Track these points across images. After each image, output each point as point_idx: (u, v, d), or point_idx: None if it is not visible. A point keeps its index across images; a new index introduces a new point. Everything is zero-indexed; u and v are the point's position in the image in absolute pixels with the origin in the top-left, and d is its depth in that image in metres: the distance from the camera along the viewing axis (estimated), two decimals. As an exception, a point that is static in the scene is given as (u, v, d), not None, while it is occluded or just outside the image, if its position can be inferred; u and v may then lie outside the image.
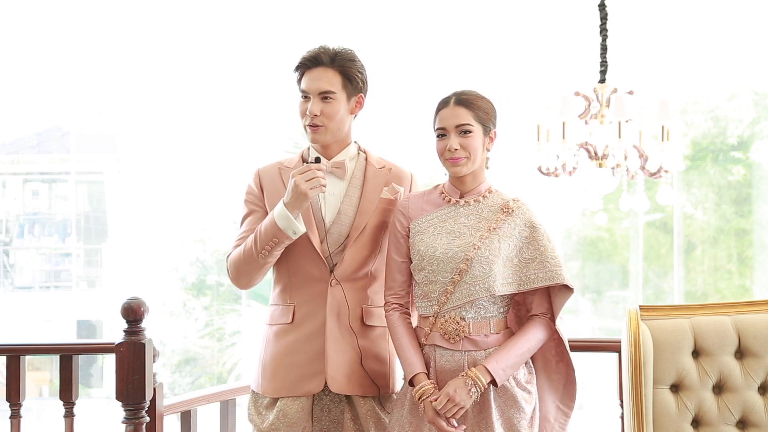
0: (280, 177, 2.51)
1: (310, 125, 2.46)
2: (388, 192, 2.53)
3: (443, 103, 2.39)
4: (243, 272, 2.47)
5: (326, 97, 2.45)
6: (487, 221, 2.38)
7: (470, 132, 2.35)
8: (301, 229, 2.38)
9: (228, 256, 2.52)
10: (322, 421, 2.48)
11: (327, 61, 2.45)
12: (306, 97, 2.46)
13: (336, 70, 2.46)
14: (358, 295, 2.50)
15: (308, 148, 2.57)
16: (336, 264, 2.48)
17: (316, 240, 2.45)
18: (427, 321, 2.39)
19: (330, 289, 2.46)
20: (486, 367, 2.29)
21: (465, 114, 2.35)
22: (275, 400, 2.47)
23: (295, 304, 2.48)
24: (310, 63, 2.46)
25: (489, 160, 2.43)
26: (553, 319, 2.40)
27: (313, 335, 2.45)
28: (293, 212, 2.36)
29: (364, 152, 2.57)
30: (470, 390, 2.28)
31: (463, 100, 2.37)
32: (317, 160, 2.41)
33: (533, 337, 2.36)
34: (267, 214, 2.48)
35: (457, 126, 2.35)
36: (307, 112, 2.45)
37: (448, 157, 2.36)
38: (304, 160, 2.54)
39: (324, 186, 2.37)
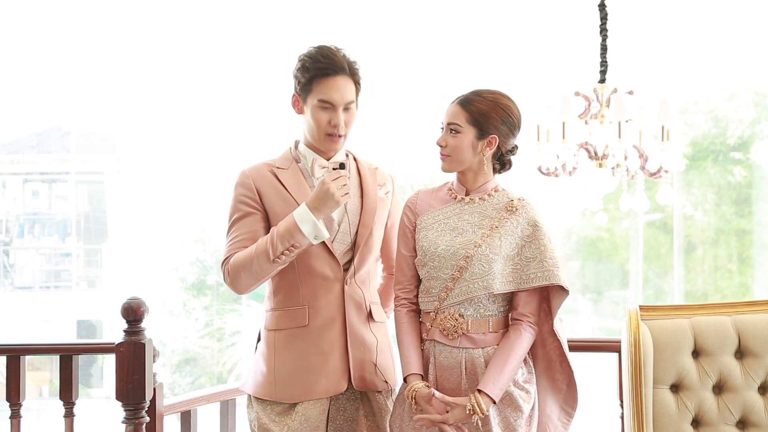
0: (276, 179, 2.46)
1: (334, 135, 2.41)
2: (381, 191, 2.54)
3: (453, 100, 2.40)
4: (251, 276, 2.38)
5: (348, 108, 2.42)
6: (491, 219, 2.38)
7: (457, 132, 2.35)
8: (325, 234, 2.34)
9: (225, 261, 2.43)
10: (337, 421, 2.48)
11: (347, 69, 2.40)
12: (327, 106, 2.39)
13: (352, 80, 2.42)
14: (367, 293, 2.51)
15: (296, 147, 2.53)
16: (347, 263, 2.47)
17: (328, 240, 2.43)
18: (428, 316, 2.40)
19: (347, 288, 2.45)
20: (486, 393, 2.28)
21: (458, 114, 2.36)
22: (292, 405, 2.44)
23: (308, 306, 2.44)
24: (333, 70, 2.38)
25: (487, 164, 2.39)
26: (536, 323, 2.39)
27: (333, 336, 2.44)
28: (319, 217, 2.33)
29: (350, 153, 2.57)
30: (470, 416, 2.29)
31: (466, 99, 2.37)
32: (342, 166, 2.37)
33: (521, 347, 2.35)
34: (266, 216, 2.45)
35: (448, 123, 2.37)
36: (331, 122, 2.39)
37: (439, 151, 2.40)
38: (296, 161, 2.51)
39: (349, 193, 2.35)
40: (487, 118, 2.35)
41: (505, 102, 2.38)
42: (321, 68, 2.38)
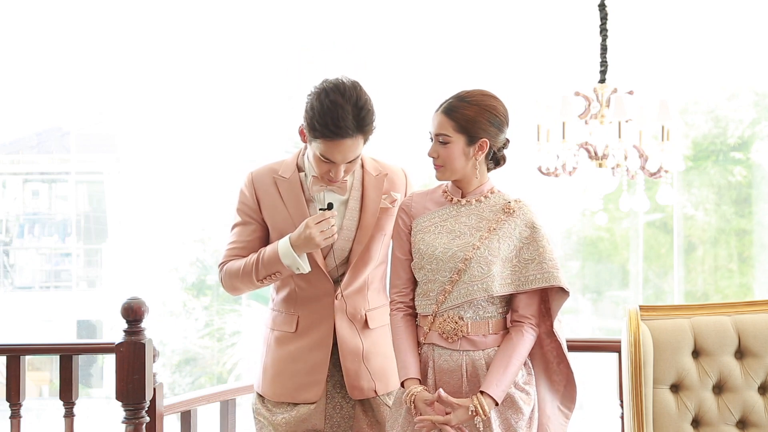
0: (276, 187, 2.48)
1: (330, 180, 2.40)
2: (386, 200, 2.52)
3: (437, 107, 2.38)
4: (238, 288, 2.50)
5: (351, 161, 2.37)
6: (488, 221, 2.37)
7: (447, 143, 2.33)
8: (306, 269, 2.38)
9: (222, 265, 2.51)
10: (334, 418, 2.51)
11: (353, 129, 2.29)
12: (328, 162, 2.34)
13: (361, 136, 2.33)
14: (362, 302, 2.53)
15: (304, 154, 2.51)
16: (340, 276, 2.49)
17: (319, 257, 2.46)
18: (426, 320, 2.39)
19: (337, 302, 2.48)
20: (489, 394, 2.28)
21: (444, 124, 2.33)
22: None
23: (299, 314, 2.49)
24: (341, 136, 2.28)
25: (481, 167, 2.38)
26: (537, 324, 2.39)
27: (316, 345, 2.47)
28: (299, 254, 2.36)
29: (360, 158, 2.53)
30: (472, 418, 2.29)
31: (450, 107, 2.34)
32: (329, 207, 2.37)
33: (523, 348, 2.35)
34: (261, 225, 2.50)
35: (436, 134, 2.35)
36: (330, 173, 2.36)
37: (432, 161, 2.38)
38: (300, 169, 2.50)
39: (335, 234, 2.36)
40: (474, 123, 2.32)
41: (489, 102, 2.34)
42: (327, 134, 2.29)
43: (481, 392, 2.29)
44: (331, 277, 2.48)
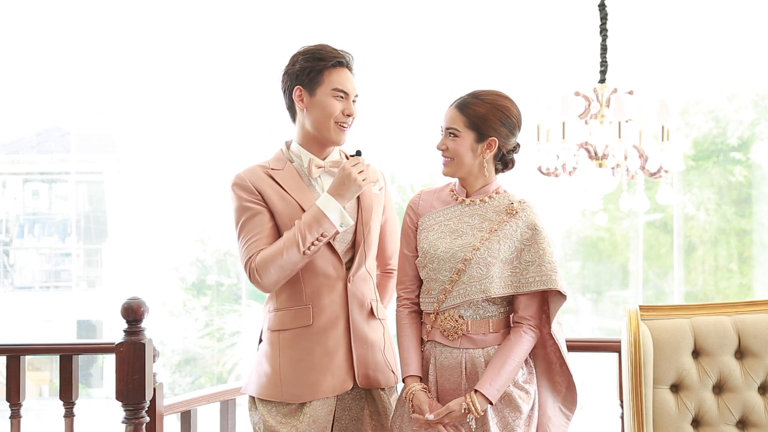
0: (272, 179, 2.47)
1: (344, 125, 2.47)
2: (375, 188, 2.55)
3: (452, 102, 2.41)
4: (281, 271, 2.37)
5: (354, 100, 2.49)
6: (491, 222, 2.38)
7: (456, 136, 2.35)
8: (350, 221, 2.38)
9: (250, 260, 2.40)
10: (342, 421, 2.49)
11: (352, 63, 2.50)
12: (341, 96, 2.45)
13: (352, 74, 2.51)
14: (369, 290, 2.53)
15: (288, 147, 2.55)
16: (349, 261, 2.49)
17: (331, 238, 2.44)
18: (428, 317, 2.41)
19: (350, 286, 2.47)
20: (483, 393, 2.30)
21: (456, 118, 2.36)
22: (300, 405, 2.44)
23: (312, 305, 2.45)
24: (345, 62, 2.47)
25: (488, 166, 2.39)
26: (537, 326, 2.39)
27: (337, 335, 2.45)
28: (343, 204, 2.37)
29: (343, 152, 2.58)
30: (466, 416, 2.30)
31: (463, 103, 2.37)
32: (358, 153, 2.43)
33: (521, 350, 2.35)
34: (272, 214, 2.44)
35: (447, 128, 2.38)
36: (344, 112, 2.45)
37: (441, 155, 2.40)
38: (289, 161, 2.52)
39: (369, 178, 2.41)
40: (485, 121, 2.34)
41: (503, 103, 2.37)
42: (335, 58, 2.44)
43: (475, 391, 2.30)
44: (343, 261, 2.48)
